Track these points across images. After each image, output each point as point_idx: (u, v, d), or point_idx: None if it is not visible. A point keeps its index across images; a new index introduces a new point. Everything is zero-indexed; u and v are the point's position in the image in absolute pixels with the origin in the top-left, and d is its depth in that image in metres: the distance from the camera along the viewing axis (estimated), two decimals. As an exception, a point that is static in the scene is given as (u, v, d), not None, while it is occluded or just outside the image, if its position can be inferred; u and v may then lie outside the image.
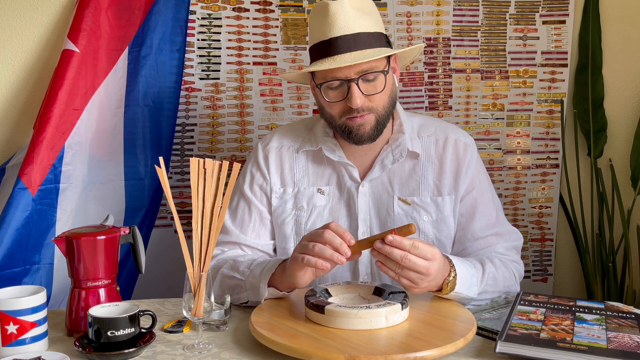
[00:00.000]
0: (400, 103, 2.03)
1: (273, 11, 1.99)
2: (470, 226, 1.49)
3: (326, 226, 1.23)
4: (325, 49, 1.38)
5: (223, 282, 1.42)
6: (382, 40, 1.42)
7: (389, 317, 1.16)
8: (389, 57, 1.43)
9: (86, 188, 1.80)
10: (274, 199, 1.52)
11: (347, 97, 1.38)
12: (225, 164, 1.21)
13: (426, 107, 2.05)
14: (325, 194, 1.50)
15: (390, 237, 1.19)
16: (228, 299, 1.31)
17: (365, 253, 1.42)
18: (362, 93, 1.38)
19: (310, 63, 1.44)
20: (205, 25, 1.97)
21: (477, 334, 1.20)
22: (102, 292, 1.29)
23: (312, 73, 1.44)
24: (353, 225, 1.48)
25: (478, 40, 2.05)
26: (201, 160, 1.20)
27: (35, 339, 1.17)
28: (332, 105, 1.42)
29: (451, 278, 1.29)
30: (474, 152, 1.52)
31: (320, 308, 1.18)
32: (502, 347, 1.09)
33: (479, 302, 1.38)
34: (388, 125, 1.49)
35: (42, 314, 1.18)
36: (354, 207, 1.48)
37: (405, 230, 1.20)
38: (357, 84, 1.37)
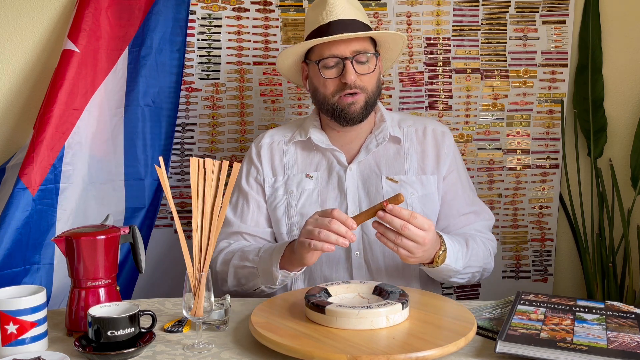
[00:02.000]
0: (400, 103, 2.04)
1: (273, 11, 1.99)
2: (455, 202, 1.62)
3: (330, 214, 1.32)
4: (324, 31, 1.53)
5: (236, 272, 1.53)
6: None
7: (390, 316, 1.16)
8: (376, 51, 1.60)
9: (86, 188, 1.79)
10: (267, 188, 1.64)
11: (342, 74, 1.53)
12: (225, 164, 1.21)
13: (426, 107, 2.05)
14: (314, 179, 1.62)
15: (390, 206, 1.30)
16: (228, 298, 1.31)
17: (357, 231, 1.52)
18: (355, 71, 1.52)
19: (308, 49, 1.59)
20: (205, 25, 1.97)
21: (477, 333, 1.20)
22: (102, 292, 1.29)
23: (308, 58, 1.59)
24: (343, 205, 1.58)
25: (478, 40, 2.04)
26: (201, 160, 1.20)
27: (35, 338, 1.17)
28: (326, 83, 1.55)
29: (441, 252, 1.42)
30: (451, 139, 1.66)
31: (320, 308, 1.17)
32: (502, 347, 1.09)
33: (462, 276, 1.52)
34: (371, 117, 1.62)
35: (42, 314, 1.18)
36: (343, 188, 1.59)
37: (395, 200, 1.30)
38: (352, 63, 1.52)
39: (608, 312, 1.24)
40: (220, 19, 1.97)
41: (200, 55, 1.97)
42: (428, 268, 1.46)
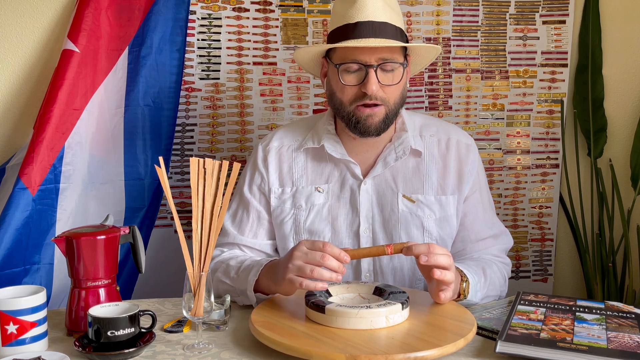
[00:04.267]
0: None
1: (273, 11, 1.99)
2: (474, 226, 1.51)
3: (322, 249, 1.22)
4: (350, 31, 1.39)
5: (218, 286, 1.43)
6: (404, 37, 1.44)
7: (390, 316, 1.16)
8: (405, 57, 1.45)
9: (86, 188, 1.79)
10: (273, 199, 1.52)
11: (363, 83, 1.39)
12: (225, 164, 1.21)
13: (426, 107, 2.05)
14: (324, 192, 1.50)
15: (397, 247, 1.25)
16: (228, 298, 1.31)
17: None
18: (379, 81, 1.39)
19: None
20: (205, 25, 1.97)
21: (477, 333, 1.20)
22: (102, 292, 1.29)
23: (329, 56, 1.46)
24: (355, 222, 1.48)
25: (478, 40, 2.05)
26: (201, 160, 1.20)
27: (35, 338, 1.17)
28: (345, 90, 1.41)
29: (465, 283, 1.33)
30: (476, 154, 1.54)
31: (320, 308, 1.17)
32: (502, 347, 1.09)
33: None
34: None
35: (42, 314, 1.18)
36: (356, 204, 1.48)
37: (398, 246, 1.25)
38: (376, 71, 1.38)
39: (608, 312, 1.24)
40: (220, 19, 1.97)
41: (200, 55, 1.97)
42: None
